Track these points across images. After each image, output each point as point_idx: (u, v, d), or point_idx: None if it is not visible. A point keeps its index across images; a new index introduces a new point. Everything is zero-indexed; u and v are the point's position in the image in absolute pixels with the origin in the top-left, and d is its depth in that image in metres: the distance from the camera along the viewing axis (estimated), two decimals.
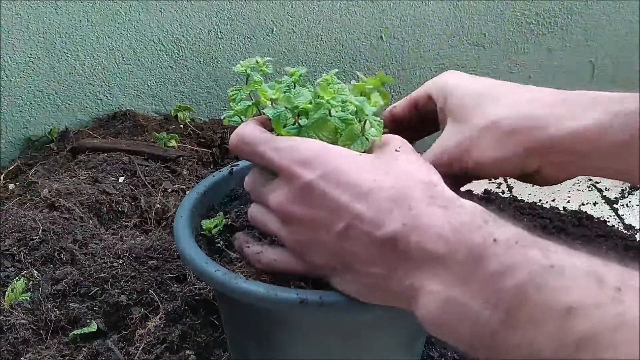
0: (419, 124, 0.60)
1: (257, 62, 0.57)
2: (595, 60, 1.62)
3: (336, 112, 0.50)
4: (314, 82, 0.54)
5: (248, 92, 0.56)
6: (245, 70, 0.56)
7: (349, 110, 0.51)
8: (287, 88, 0.54)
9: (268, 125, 0.51)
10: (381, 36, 1.47)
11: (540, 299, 0.35)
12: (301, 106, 0.50)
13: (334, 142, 0.49)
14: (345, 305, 0.48)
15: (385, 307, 0.46)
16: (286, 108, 0.51)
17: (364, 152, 0.49)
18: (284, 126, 0.51)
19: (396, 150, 0.47)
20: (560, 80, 1.62)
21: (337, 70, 0.56)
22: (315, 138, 0.49)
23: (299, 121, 0.51)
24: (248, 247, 0.52)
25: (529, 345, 0.35)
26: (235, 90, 0.56)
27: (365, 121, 0.51)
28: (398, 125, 0.60)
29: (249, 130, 0.49)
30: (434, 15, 1.47)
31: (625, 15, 1.58)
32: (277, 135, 0.50)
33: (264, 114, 0.54)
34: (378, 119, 0.52)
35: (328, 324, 0.54)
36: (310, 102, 0.50)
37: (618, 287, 0.33)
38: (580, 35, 1.58)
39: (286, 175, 0.45)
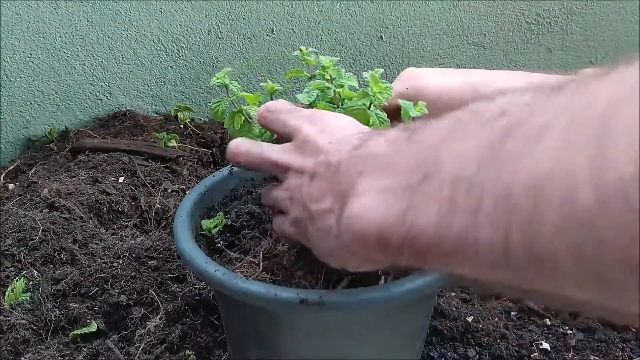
0: None
1: (230, 71, 0.58)
2: (595, 60, 1.62)
3: (373, 108, 0.56)
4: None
5: (230, 102, 0.57)
6: (223, 82, 0.57)
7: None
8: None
9: None
10: (381, 36, 1.47)
11: (474, 115, 0.32)
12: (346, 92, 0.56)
13: None
14: (345, 305, 0.48)
15: (385, 305, 0.45)
16: (324, 91, 0.57)
17: None
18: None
19: None
20: None
21: (382, 70, 0.58)
22: None
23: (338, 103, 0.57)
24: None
25: (455, 180, 0.31)
26: (217, 102, 0.57)
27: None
28: None
29: (276, 102, 0.54)
30: (434, 15, 1.47)
31: (625, 15, 1.58)
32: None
33: (249, 119, 0.57)
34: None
35: (328, 324, 0.54)
36: (355, 89, 0.57)
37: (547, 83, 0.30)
38: (580, 35, 1.58)
39: (297, 131, 0.50)
